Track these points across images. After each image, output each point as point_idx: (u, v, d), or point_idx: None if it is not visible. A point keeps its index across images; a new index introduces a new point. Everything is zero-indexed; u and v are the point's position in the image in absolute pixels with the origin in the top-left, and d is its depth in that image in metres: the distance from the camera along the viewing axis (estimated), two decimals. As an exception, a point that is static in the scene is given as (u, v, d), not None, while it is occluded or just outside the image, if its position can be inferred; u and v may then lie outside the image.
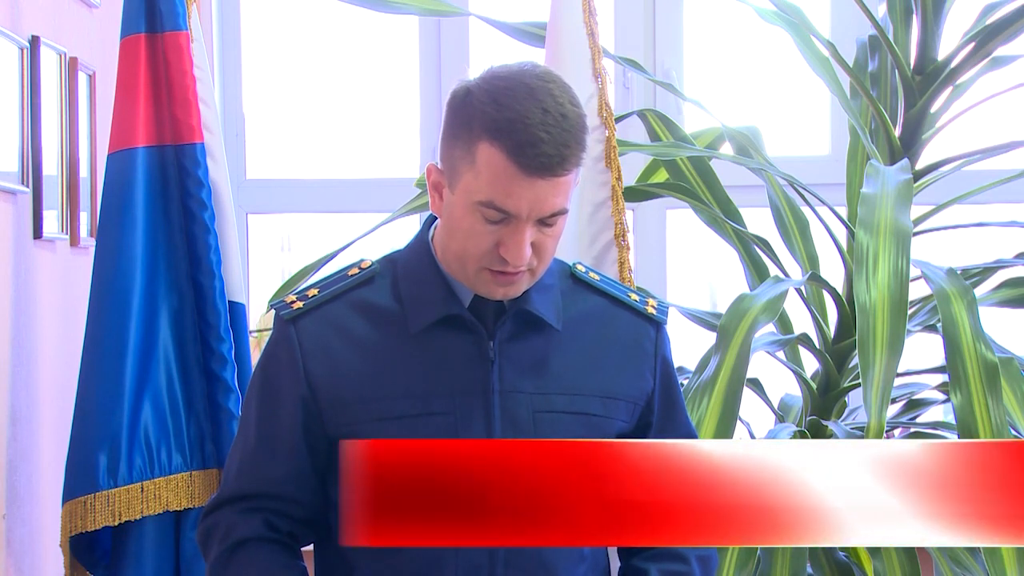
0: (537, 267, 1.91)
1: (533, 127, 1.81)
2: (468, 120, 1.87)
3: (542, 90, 1.85)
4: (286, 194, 3.92)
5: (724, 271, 3.85)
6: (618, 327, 2.04)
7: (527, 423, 1.96)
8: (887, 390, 2.23)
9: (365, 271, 2.02)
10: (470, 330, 1.96)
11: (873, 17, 2.84)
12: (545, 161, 1.81)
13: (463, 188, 1.87)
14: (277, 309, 2.01)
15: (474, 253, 1.88)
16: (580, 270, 2.07)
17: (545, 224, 1.87)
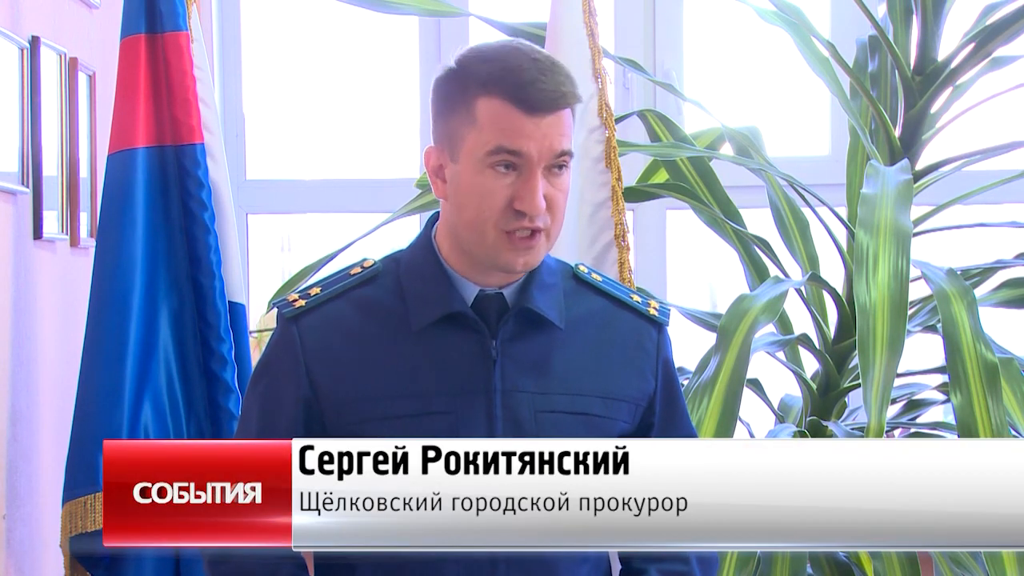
0: (551, 227, 1.91)
1: (527, 70, 1.86)
2: (459, 84, 1.89)
3: (524, 46, 1.90)
4: (286, 194, 3.92)
5: (724, 271, 3.85)
6: (620, 328, 2.04)
7: (529, 423, 1.96)
8: (887, 390, 2.23)
9: (368, 270, 2.02)
10: (472, 328, 1.96)
11: (873, 17, 2.84)
12: (546, 96, 1.85)
13: (467, 151, 1.88)
14: (279, 307, 2.01)
15: (489, 215, 1.88)
16: (583, 271, 2.07)
17: (554, 173, 1.88)
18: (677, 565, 2.04)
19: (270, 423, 2.00)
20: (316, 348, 1.97)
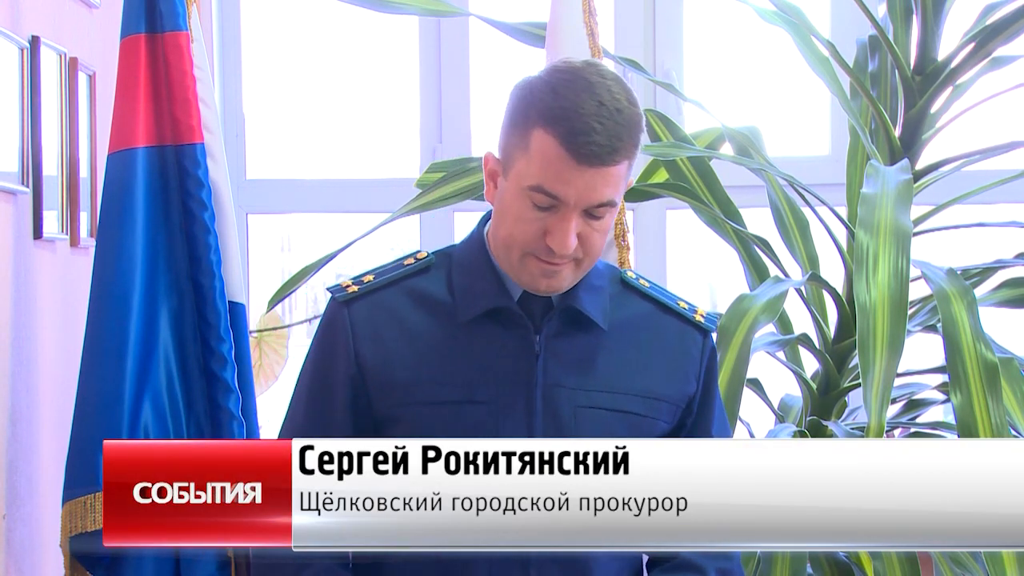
0: (583, 260, 1.95)
1: (587, 116, 1.86)
2: (526, 109, 1.91)
3: (600, 85, 1.89)
4: (286, 194, 3.92)
5: (724, 271, 3.85)
6: (665, 332, 2.07)
7: (568, 418, 1.98)
8: (887, 390, 2.23)
9: (421, 261, 2.07)
10: (517, 323, 1.99)
11: (873, 17, 2.84)
12: (596, 150, 1.86)
13: (515, 174, 1.91)
14: (333, 292, 2.05)
15: (520, 239, 1.92)
16: (631, 276, 2.10)
17: (592, 216, 1.91)
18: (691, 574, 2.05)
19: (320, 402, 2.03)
20: (365, 331, 2.01)
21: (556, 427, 1.98)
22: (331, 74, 3.97)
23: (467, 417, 1.96)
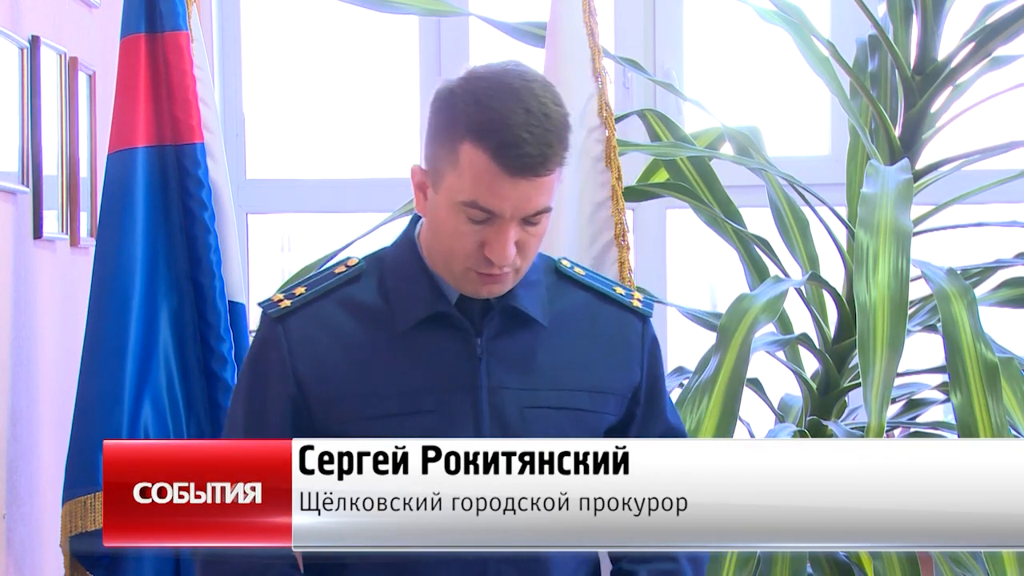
0: (521, 265, 1.92)
1: (515, 127, 1.82)
2: (451, 121, 1.86)
3: (524, 90, 1.85)
4: (286, 194, 3.92)
5: (724, 271, 3.85)
6: (605, 321, 2.05)
7: (515, 419, 1.96)
8: (887, 390, 2.23)
9: (352, 269, 2.02)
10: (457, 327, 1.96)
11: (873, 17, 2.84)
12: (528, 161, 1.82)
13: (447, 188, 1.87)
14: (264, 308, 2.00)
15: (459, 253, 1.89)
16: (565, 265, 2.07)
17: (529, 223, 1.88)
18: (666, 564, 2.04)
19: (257, 422, 1.99)
20: (302, 348, 1.96)
21: (504, 430, 1.95)
22: (331, 74, 3.97)
23: (415, 427, 1.92)
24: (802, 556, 2.54)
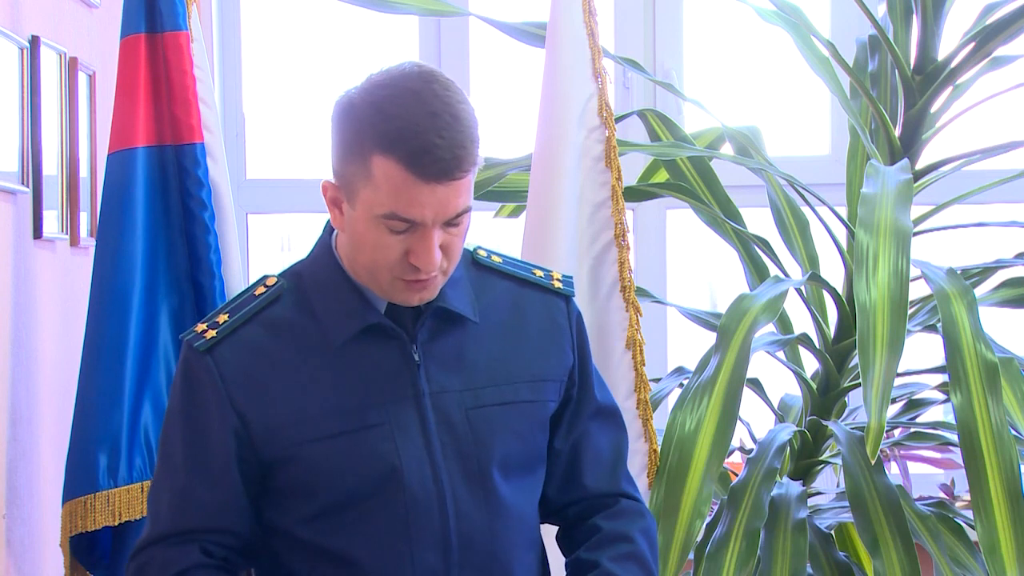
0: (448, 267, 1.91)
1: (425, 133, 1.79)
2: (357, 134, 1.84)
3: (426, 92, 1.83)
4: (286, 194, 3.92)
5: (724, 271, 3.85)
6: (531, 307, 2.04)
7: (461, 422, 1.95)
8: (887, 390, 2.23)
9: (272, 288, 1.97)
10: (391, 336, 1.94)
11: (873, 17, 2.84)
12: (443, 166, 1.80)
13: (363, 202, 1.84)
14: (190, 341, 1.95)
15: (384, 265, 1.87)
16: (481, 255, 2.06)
17: (451, 225, 1.86)
18: (624, 546, 2.03)
19: (200, 457, 1.94)
20: (236, 377, 1.92)
21: (451, 434, 1.94)
22: (331, 74, 3.97)
23: (364, 443, 1.91)
24: (802, 555, 2.54)
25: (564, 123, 2.74)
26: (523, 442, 2.00)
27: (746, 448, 3.17)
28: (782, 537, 2.56)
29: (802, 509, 2.61)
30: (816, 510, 2.87)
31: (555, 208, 2.70)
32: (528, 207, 2.76)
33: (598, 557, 2.02)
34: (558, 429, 2.07)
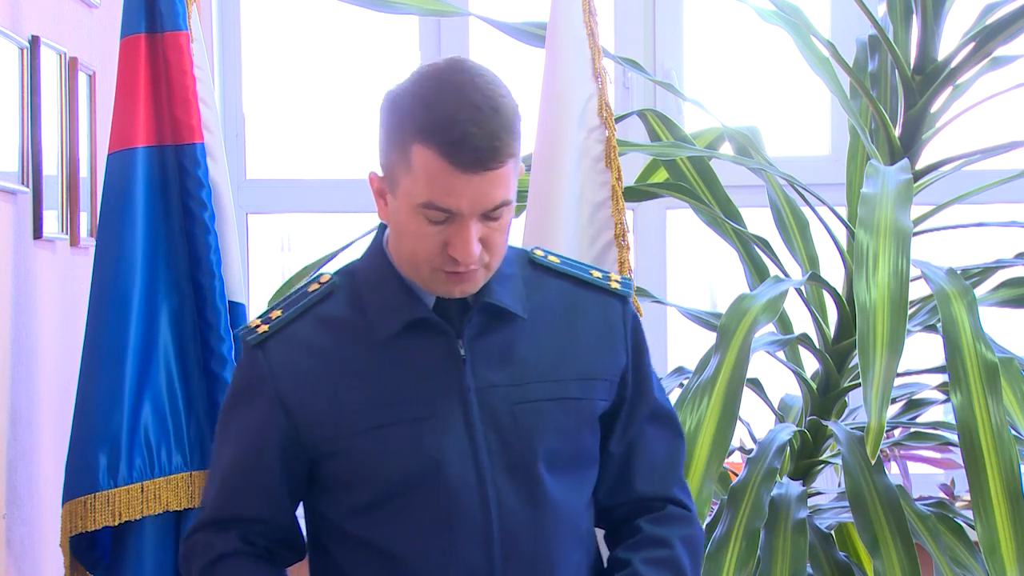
0: (490, 261, 1.92)
1: (463, 123, 1.82)
2: (400, 125, 1.87)
3: (469, 85, 1.85)
4: (286, 194, 3.92)
5: (724, 271, 3.85)
6: (585, 307, 2.05)
7: (507, 417, 1.96)
8: (887, 390, 2.23)
9: (325, 285, 2.02)
10: (438, 331, 1.96)
11: (873, 17, 2.84)
12: (479, 155, 1.82)
13: (403, 192, 1.88)
14: (243, 336, 2.01)
15: (424, 256, 1.89)
16: (539, 255, 2.07)
17: (490, 218, 1.88)
18: (660, 551, 2.03)
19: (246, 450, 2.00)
20: (285, 371, 1.96)
21: (497, 429, 1.95)
22: (331, 74, 3.97)
23: (408, 436, 1.94)
24: (802, 555, 2.54)
25: (564, 123, 2.74)
26: (569, 439, 2.00)
27: (746, 448, 3.17)
28: (782, 537, 2.56)
29: (802, 509, 2.61)
30: (816, 510, 2.87)
31: (555, 208, 2.70)
32: (528, 207, 2.76)
33: (631, 557, 2.03)
34: (612, 432, 2.07)
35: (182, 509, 2.64)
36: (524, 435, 1.96)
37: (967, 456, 2.34)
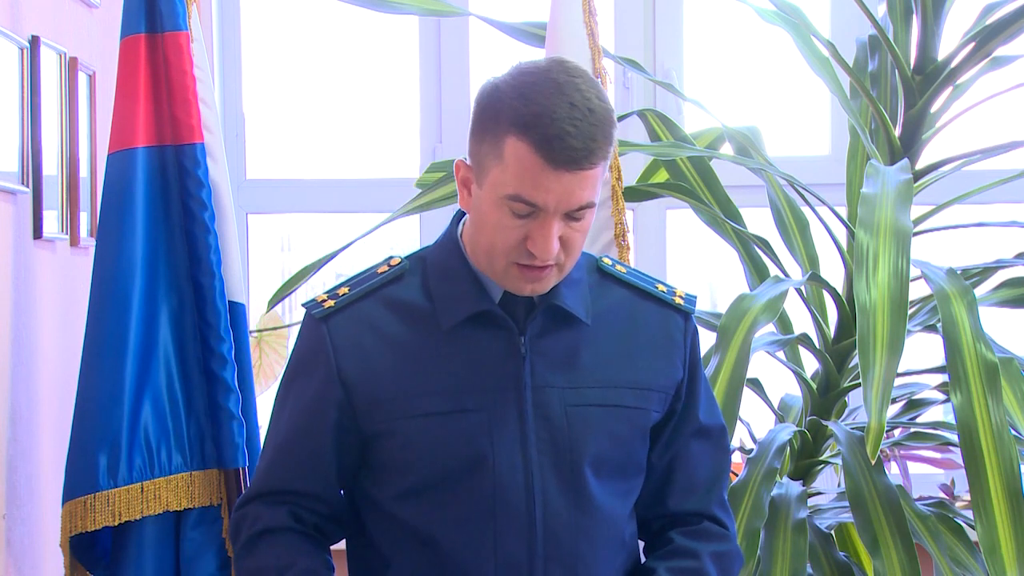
0: (565, 262, 1.93)
1: (560, 121, 1.83)
2: (496, 115, 1.88)
3: (569, 85, 1.86)
4: (286, 194, 3.92)
5: (724, 271, 3.85)
6: (647, 319, 2.06)
7: (560, 417, 1.97)
8: (887, 390, 2.23)
9: (395, 268, 2.03)
10: (501, 326, 1.98)
11: (873, 17, 2.84)
12: (572, 155, 1.84)
13: (491, 183, 1.89)
14: (308, 308, 2.03)
15: (502, 248, 1.90)
16: (607, 263, 2.09)
17: (573, 218, 1.89)
18: (687, 561, 2.04)
19: (301, 422, 2.02)
20: (346, 347, 1.98)
21: (548, 428, 1.97)
22: (331, 74, 3.97)
23: (459, 426, 1.95)
24: (802, 555, 2.54)
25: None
26: (619, 446, 2.01)
27: (746, 448, 3.17)
28: (782, 537, 2.56)
29: (802, 509, 2.61)
30: (816, 510, 2.87)
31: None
32: (528, 207, 2.75)
33: (657, 565, 2.04)
34: (657, 443, 2.08)
35: (182, 509, 2.65)
36: (574, 437, 1.97)
37: (967, 456, 2.34)
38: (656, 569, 2.03)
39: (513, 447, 1.95)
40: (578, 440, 1.97)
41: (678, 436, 2.08)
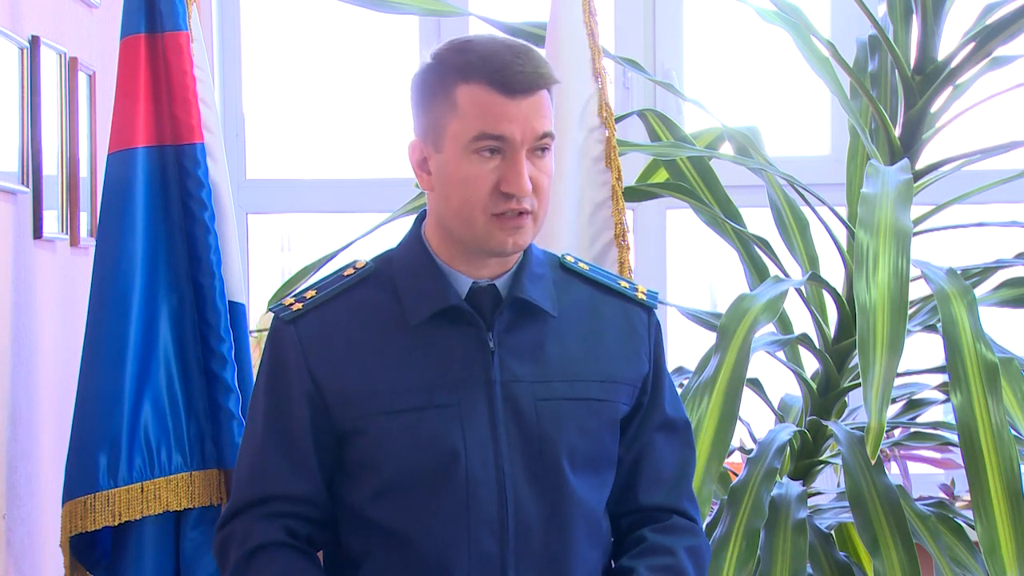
0: (538, 210, 1.95)
1: (502, 55, 1.92)
2: (440, 77, 1.95)
3: (499, 36, 1.98)
4: (286, 194, 3.92)
5: (724, 271, 3.85)
6: (611, 313, 2.08)
7: (530, 411, 1.98)
8: (887, 390, 2.23)
9: (361, 270, 2.05)
10: (469, 322, 1.99)
11: (873, 17, 2.84)
12: (523, 79, 1.91)
13: (451, 138, 1.93)
14: (276, 312, 2.04)
15: (477, 199, 1.92)
16: (569, 260, 2.10)
17: (537, 156, 1.93)
18: (664, 558, 2.04)
19: (278, 424, 2.02)
20: (316, 348, 1.99)
21: (518, 423, 1.97)
22: (331, 74, 3.97)
23: (430, 422, 1.96)
24: (802, 555, 2.54)
25: (564, 123, 2.74)
26: (590, 439, 2.02)
27: (746, 448, 3.17)
28: (782, 537, 2.56)
29: (802, 509, 2.61)
30: (816, 510, 2.87)
31: (555, 208, 2.70)
32: (528, 207, 2.75)
33: (636, 565, 2.03)
34: (623, 438, 2.08)
35: (182, 509, 2.65)
36: (545, 431, 1.98)
37: (967, 456, 2.34)
38: (636, 568, 2.02)
39: (484, 443, 1.96)
40: (548, 435, 1.98)
41: (644, 429, 2.09)
